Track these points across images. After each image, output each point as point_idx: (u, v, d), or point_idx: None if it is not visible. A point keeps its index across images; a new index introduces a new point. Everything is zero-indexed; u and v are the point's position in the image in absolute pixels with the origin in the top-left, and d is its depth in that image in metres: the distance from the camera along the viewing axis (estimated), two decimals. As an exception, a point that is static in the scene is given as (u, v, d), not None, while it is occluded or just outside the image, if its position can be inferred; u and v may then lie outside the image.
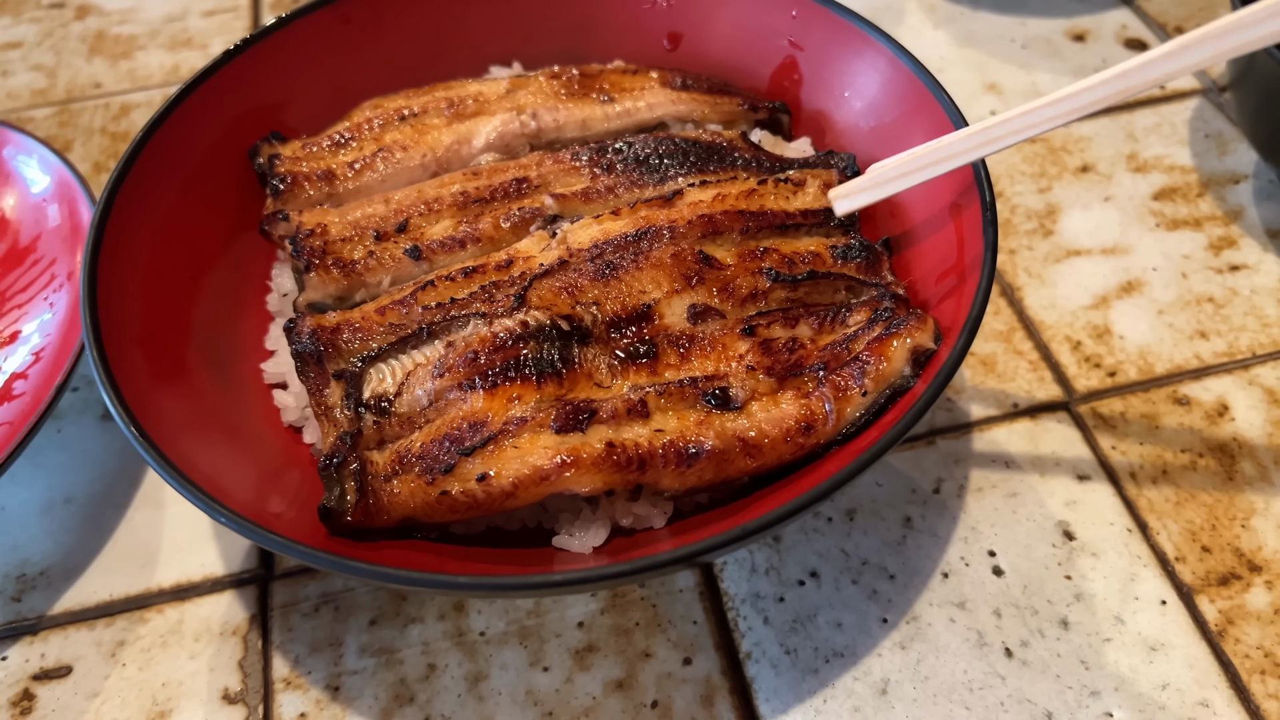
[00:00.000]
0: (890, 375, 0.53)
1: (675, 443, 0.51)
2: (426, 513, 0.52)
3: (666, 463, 0.51)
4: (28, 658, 0.62)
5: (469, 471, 0.51)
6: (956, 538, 0.64)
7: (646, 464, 0.51)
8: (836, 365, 0.54)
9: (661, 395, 0.53)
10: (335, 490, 0.52)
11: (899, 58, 0.65)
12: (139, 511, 0.68)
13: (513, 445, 0.51)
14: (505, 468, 0.51)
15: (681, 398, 0.53)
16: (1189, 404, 0.69)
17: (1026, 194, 0.83)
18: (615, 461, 0.50)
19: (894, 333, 0.54)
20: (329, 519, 0.52)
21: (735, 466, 0.52)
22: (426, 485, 0.51)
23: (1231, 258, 0.78)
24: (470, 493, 0.51)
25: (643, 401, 0.52)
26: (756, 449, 0.52)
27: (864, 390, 0.53)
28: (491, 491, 0.51)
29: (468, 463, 0.51)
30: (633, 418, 0.52)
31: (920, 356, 0.54)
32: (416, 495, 0.52)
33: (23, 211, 0.74)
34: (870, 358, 0.53)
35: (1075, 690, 0.57)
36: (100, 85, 0.99)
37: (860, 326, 0.56)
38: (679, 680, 0.59)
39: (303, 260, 0.61)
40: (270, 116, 0.72)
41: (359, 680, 0.59)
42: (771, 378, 0.54)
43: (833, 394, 0.53)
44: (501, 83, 0.71)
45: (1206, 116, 0.88)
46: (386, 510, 0.52)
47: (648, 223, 0.59)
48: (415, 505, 0.52)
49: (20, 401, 0.65)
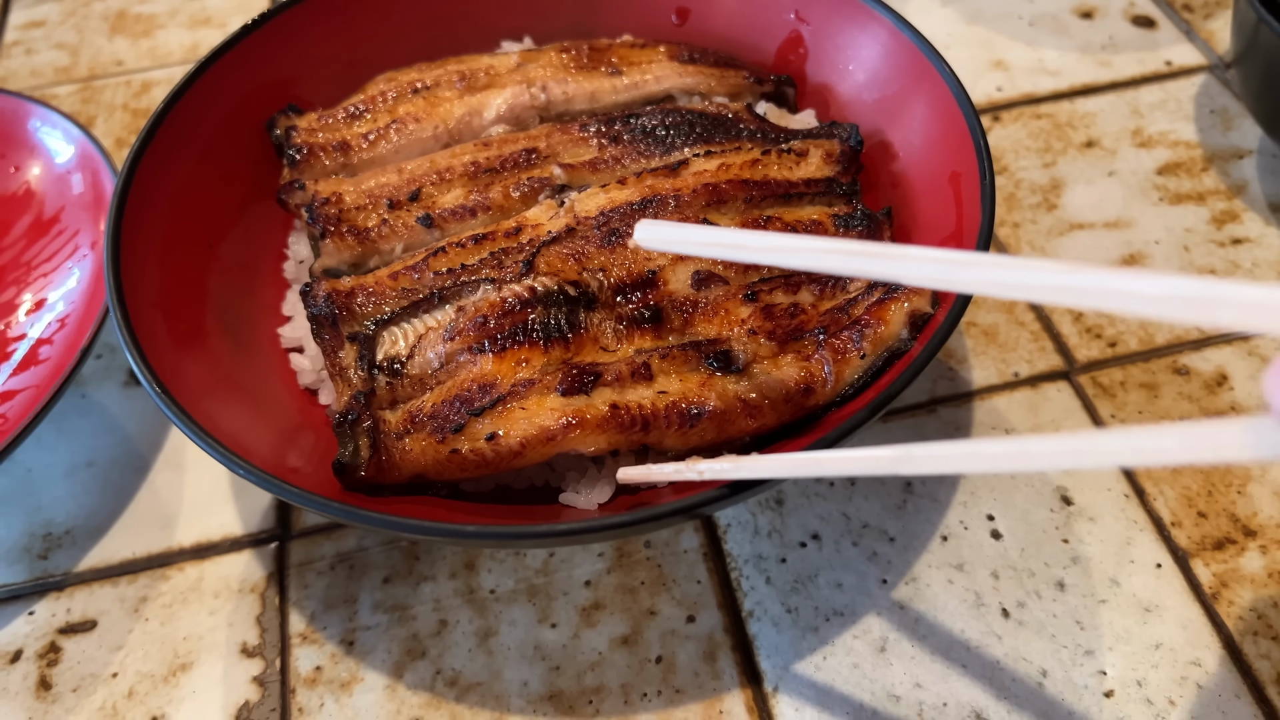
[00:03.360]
0: (888, 338, 0.54)
1: (678, 404, 0.53)
2: (437, 470, 0.54)
3: (669, 423, 0.53)
4: (54, 612, 0.64)
5: (478, 431, 0.53)
6: (956, 502, 0.65)
7: (650, 424, 0.52)
8: (836, 329, 0.55)
9: (665, 358, 0.54)
10: (350, 446, 0.54)
11: (902, 31, 0.66)
12: (159, 474, 0.70)
13: (520, 407, 0.53)
14: (513, 428, 0.52)
15: (684, 360, 0.54)
16: (1188, 374, 0.70)
17: (1031, 169, 0.84)
18: (619, 422, 0.52)
19: (892, 297, 0.55)
20: (343, 473, 0.54)
21: (736, 426, 0.54)
22: (437, 444, 0.53)
23: (1234, 231, 0.79)
24: (479, 451, 0.53)
25: (646, 365, 0.54)
26: (757, 409, 0.53)
27: (862, 353, 0.54)
28: (500, 450, 0.52)
29: (477, 423, 0.53)
30: (636, 380, 0.53)
31: (918, 320, 0.55)
32: (427, 453, 0.53)
33: (48, 183, 0.76)
34: (869, 321, 0.55)
35: (1070, 649, 0.59)
36: (122, 63, 1.01)
37: (860, 292, 0.57)
38: (683, 637, 0.60)
39: (318, 227, 0.63)
40: (285, 90, 0.73)
41: (372, 635, 0.61)
42: (773, 341, 0.55)
43: (832, 356, 0.54)
44: (512, 56, 0.72)
45: (1212, 92, 0.89)
46: (398, 467, 0.54)
47: (653, 191, 0.61)
48: (426, 462, 0.53)
49: (45, 366, 0.67)
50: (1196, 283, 0.28)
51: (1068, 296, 0.32)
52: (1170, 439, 0.30)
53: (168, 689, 0.60)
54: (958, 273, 0.35)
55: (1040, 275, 0.32)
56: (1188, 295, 0.28)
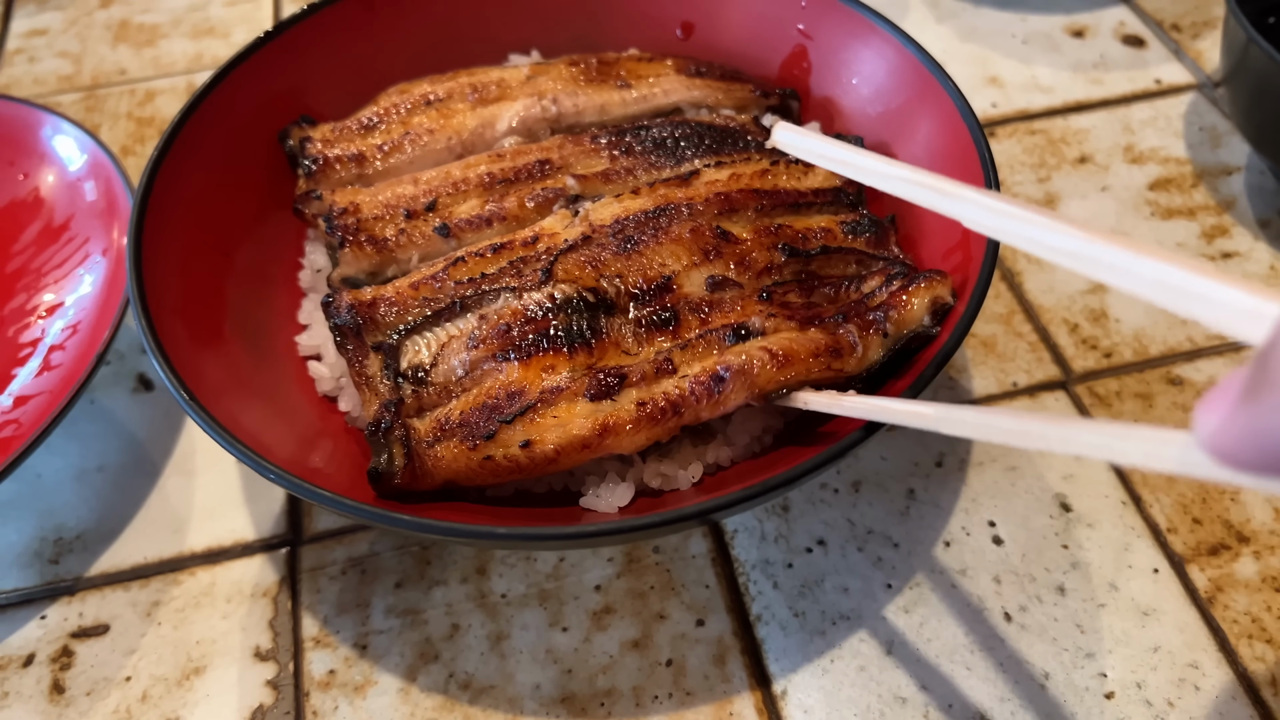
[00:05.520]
0: (910, 321, 0.56)
1: (700, 377, 0.54)
2: (469, 476, 0.55)
3: (698, 399, 0.54)
4: (66, 616, 0.64)
5: (511, 438, 0.54)
6: (958, 509, 0.67)
7: (680, 407, 0.54)
8: (857, 314, 0.57)
9: (685, 349, 0.55)
10: (384, 455, 0.55)
11: (905, 46, 0.68)
12: (170, 479, 0.70)
13: (552, 415, 0.54)
14: (546, 435, 0.53)
15: (706, 344, 0.55)
16: (1182, 384, 0.72)
17: (1027, 183, 0.86)
18: (650, 416, 0.53)
19: (914, 284, 0.56)
20: (378, 481, 0.54)
21: (765, 377, 0.54)
22: (469, 450, 0.54)
23: (1223, 245, 0.81)
24: (513, 457, 0.54)
25: (668, 359, 0.55)
26: (786, 359, 0.54)
27: (884, 332, 0.55)
28: (534, 457, 0.54)
29: (508, 430, 0.54)
30: (661, 375, 0.55)
31: (939, 307, 0.56)
32: (459, 460, 0.54)
33: (58, 190, 0.77)
34: (891, 304, 0.56)
35: (1071, 652, 0.60)
36: (125, 72, 1.02)
37: (875, 289, 0.58)
38: (692, 641, 0.61)
39: (337, 236, 0.64)
40: (296, 101, 0.74)
41: (385, 639, 0.62)
42: (793, 322, 0.56)
43: (857, 330, 0.56)
44: (522, 69, 0.73)
45: (1201, 110, 0.91)
46: (431, 474, 0.55)
47: (666, 200, 0.62)
48: (459, 469, 0.54)
49: (57, 372, 0.68)
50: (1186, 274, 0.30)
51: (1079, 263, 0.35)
52: (1100, 436, 0.34)
53: (181, 692, 0.61)
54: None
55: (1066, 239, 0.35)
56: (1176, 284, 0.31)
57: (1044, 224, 0.37)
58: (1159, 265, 0.31)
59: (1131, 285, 0.32)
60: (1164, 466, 0.31)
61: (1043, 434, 0.38)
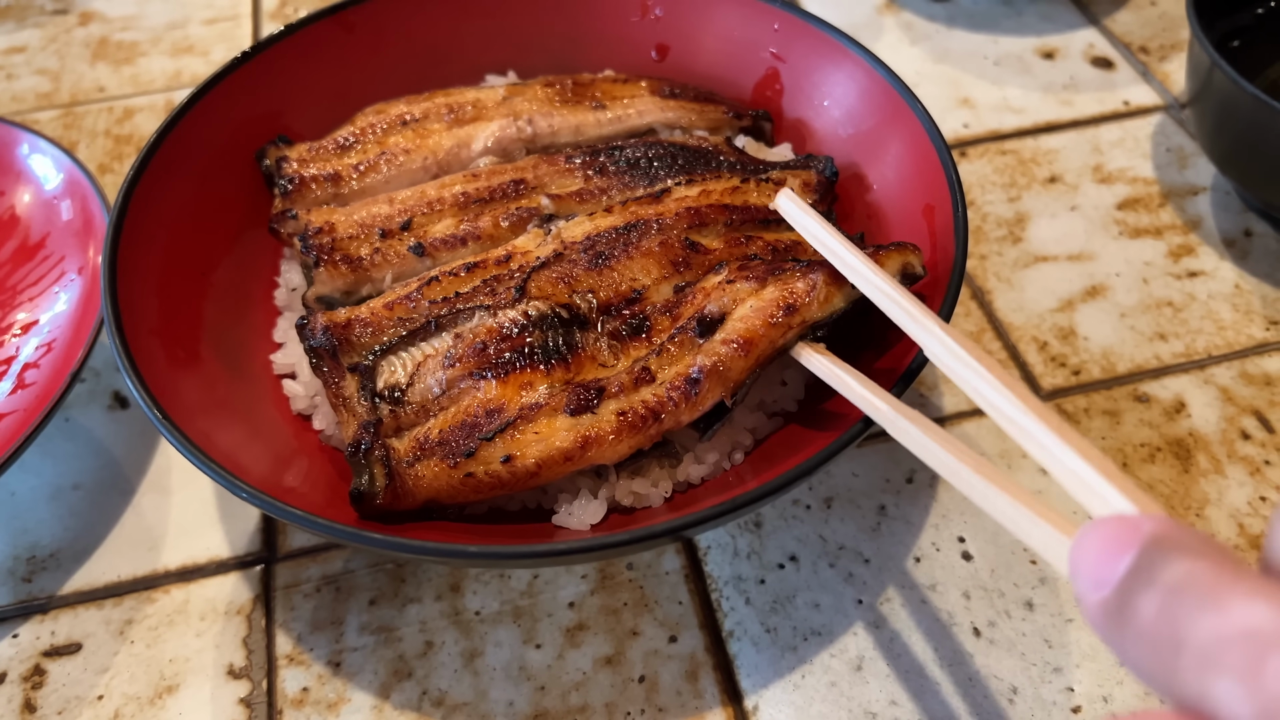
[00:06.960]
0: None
1: (674, 382, 0.55)
2: (451, 494, 0.55)
3: (675, 403, 0.54)
4: (38, 635, 0.64)
5: (492, 454, 0.54)
6: (928, 525, 0.67)
7: (660, 412, 0.54)
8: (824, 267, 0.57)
9: (660, 355, 0.56)
10: (364, 475, 0.55)
11: (875, 69, 0.69)
12: (145, 497, 0.71)
13: (533, 430, 0.54)
14: (528, 450, 0.54)
15: (679, 347, 0.56)
16: (1149, 401, 0.73)
17: (997, 203, 0.87)
18: (632, 425, 0.54)
19: (886, 250, 0.57)
20: (360, 502, 0.55)
21: (738, 368, 0.55)
22: (450, 468, 0.54)
23: (1190, 264, 0.82)
24: (495, 473, 0.54)
25: (646, 368, 0.56)
26: (747, 345, 0.55)
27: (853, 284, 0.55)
28: (516, 472, 0.54)
29: (489, 446, 0.54)
30: (639, 385, 0.55)
31: (910, 272, 0.57)
32: (440, 478, 0.55)
33: (34, 208, 0.77)
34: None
35: (1039, 667, 0.61)
36: (104, 89, 1.02)
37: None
38: (665, 657, 0.62)
39: (312, 256, 0.64)
40: (274, 121, 0.75)
41: (359, 656, 0.62)
42: (753, 281, 0.57)
43: (820, 275, 0.56)
44: (498, 90, 0.74)
45: (1168, 131, 0.93)
46: (412, 493, 0.55)
47: (637, 217, 0.63)
48: (440, 487, 0.55)
49: (31, 390, 0.68)
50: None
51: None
52: (1014, 510, 0.37)
53: (154, 711, 0.61)
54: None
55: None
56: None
57: (992, 384, 0.42)
58: (1074, 456, 0.35)
59: (1044, 460, 0.36)
60: (1056, 567, 0.34)
61: (970, 482, 0.41)
